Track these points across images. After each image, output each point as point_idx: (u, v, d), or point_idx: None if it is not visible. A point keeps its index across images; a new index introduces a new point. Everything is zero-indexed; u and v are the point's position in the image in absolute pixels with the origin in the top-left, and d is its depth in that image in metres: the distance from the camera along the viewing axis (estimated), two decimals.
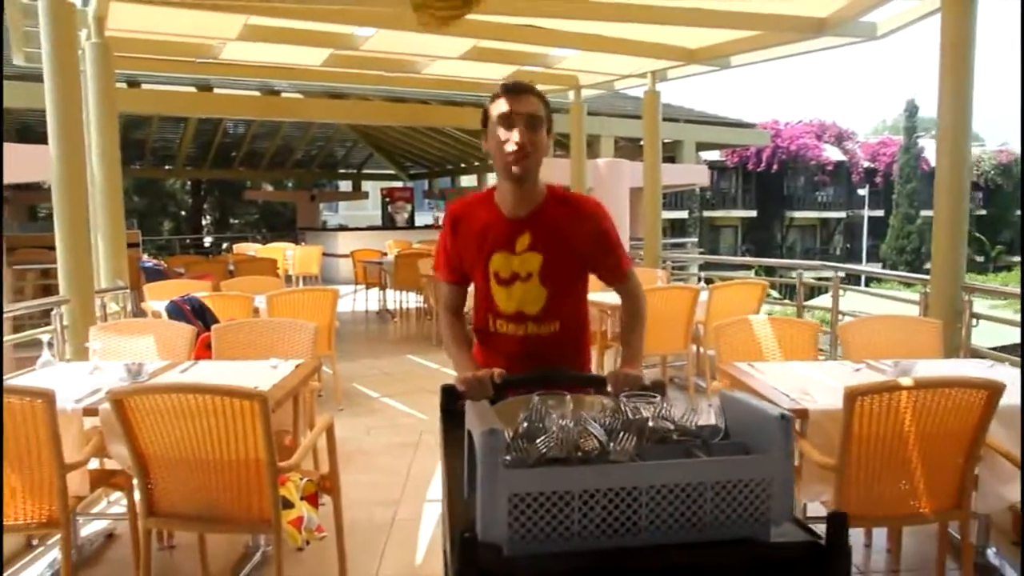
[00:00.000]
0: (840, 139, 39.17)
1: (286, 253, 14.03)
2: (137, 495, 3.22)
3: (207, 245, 23.91)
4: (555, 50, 7.33)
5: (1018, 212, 40.31)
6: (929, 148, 34.36)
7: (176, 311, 4.84)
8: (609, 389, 1.99)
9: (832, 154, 38.17)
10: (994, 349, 7.72)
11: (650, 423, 1.46)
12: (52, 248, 9.36)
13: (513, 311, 2.20)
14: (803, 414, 2.89)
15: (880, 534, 3.57)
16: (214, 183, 25.50)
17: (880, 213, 37.76)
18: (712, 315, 6.01)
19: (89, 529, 3.75)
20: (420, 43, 7.22)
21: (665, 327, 5.91)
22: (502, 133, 2.07)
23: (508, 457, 1.29)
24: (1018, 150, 41.20)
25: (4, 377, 3.42)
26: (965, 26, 4.72)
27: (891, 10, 6.08)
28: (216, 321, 4.90)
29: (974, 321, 4.62)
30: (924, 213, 33.21)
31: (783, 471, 1.29)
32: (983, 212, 38.94)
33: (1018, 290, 4.96)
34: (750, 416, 1.42)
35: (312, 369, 3.63)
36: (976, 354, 4.62)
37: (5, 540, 3.47)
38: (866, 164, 38.52)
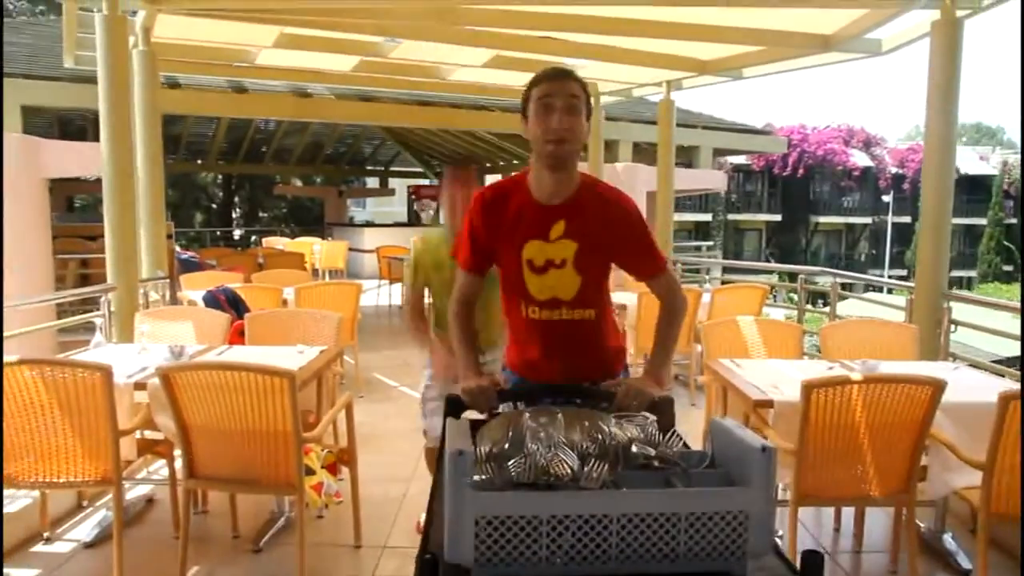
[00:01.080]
0: (868, 144, 39.06)
1: (313, 248, 14.51)
2: (179, 462, 3.66)
3: (236, 238, 24.54)
4: (573, 60, 7.66)
5: None
6: (958, 154, 34.20)
7: (212, 300, 5.27)
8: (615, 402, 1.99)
9: (859, 159, 38.08)
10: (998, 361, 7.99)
11: (633, 448, 1.44)
12: (90, 238, 9.96)
13: (547, 298, 2.16)
14: (768, 404, 3.23)
15: (848, 519, 3.89)
16: (245, 177, 26.12)
17: (907, 219, 37.62)
18: (713, 316, 6.33)
19: (132, 494, 4.16)
20: (445, 52, 7.61)
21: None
22: (541, 118, 2.04)
23: (479, 478, 1.30)
24: None
25: (61, 355, 3.86)
26: (952, 43, 5.00)
27: (894, 28, 6.35)
28: (248, 310, 5.32)
29: (953, 328, 4.90)
30: (952, 220, 33.08)
31: (761, 504, 1.26)
32: (1013, 221, 38.65)
33: (1000, 301, 5.22)
34: (734, 445, 1.40)
35: (335, 355, 4.02)
36: (955, 359, 4.91)
37: (61, 498, 3.91)
38: (894, 170, 38.38)
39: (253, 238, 22.83)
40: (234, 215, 28.05)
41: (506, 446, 1.41)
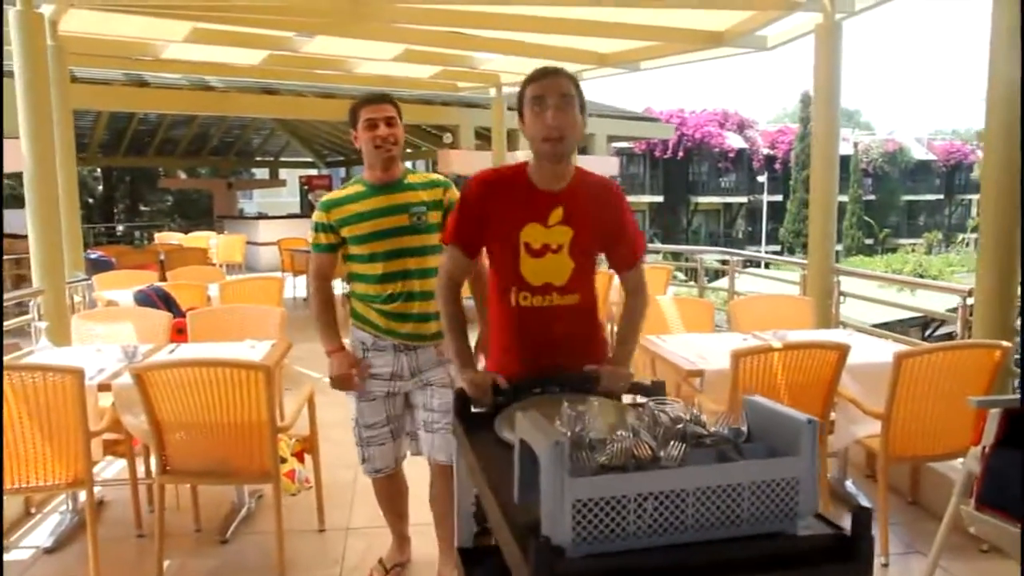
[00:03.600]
0: (742, 127, 40.91)
1: (210, 242, 14.20)
2: (141, 460, 3.74)
3: (119, 233, 23.50)
4: (480, 54, 7.92)
5: (904, 197, 43.14)
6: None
7: (145, 299, 5.25)
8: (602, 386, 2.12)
9: (734, 142, 39.85)
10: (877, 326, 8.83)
11: (686, 428, 1.54)
12: (12, 237, 9.47)
13: (541, 283, 2.21)
14: (700, 374, 3.62)
15: None
16: (126, 170, 25.02)
17: (779, 198, 39.75)
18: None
19: (83, 497, 4.17)
20: (355, 47, 7.71)
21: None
22: (535, 116, 2.10)
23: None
24: (903, 140, 44.01)
25: (8, 357, 3.83)
26: (834, 44, 5.56)
27: (779, 27, 6.92)
28: (179, 308, 5.33)
29: (842, 299, 5.48)
30: (837, 195, 35.17)
31: (810, 470, 1.40)
32: (872, 197, 41.48)
33: (879, 272, 5.83)
34: (775, 420, 1.51)
35: (286, 348, 4.16)
36: (845, 326, 5.49)
37: (10, 505, 3.89)
38: (766, 151, 40.42)
39: (137, 234, 21.95)
40: (115, 210, 26.80)
41: (569, 434, 1.50)
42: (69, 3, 5.22)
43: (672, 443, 1.43)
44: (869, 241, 39.50)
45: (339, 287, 3.68)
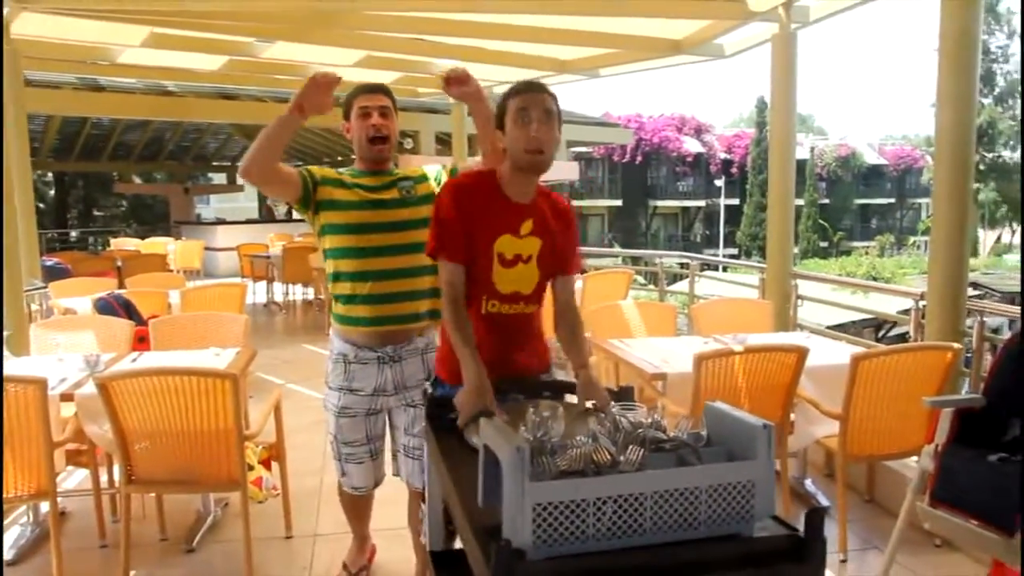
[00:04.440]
0: (699, 132, 41.41)
1: (167, 247, 14.01)
2: (105, 469, 3.70)
3: (73, 239, 23.03)
4: (441, 60, 7.95)
5: (856, 201, 44.09)
6: None
7: (107, 307, 5.17)
8: (578, 397, 2.20)
9: (692, 146, 40.35)
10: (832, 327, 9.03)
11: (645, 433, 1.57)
12: None
13: (510, 292, 2.27)
14: (663, 377, 3.69)
15: None
16: (78, 175, 24.53)
17: (736, 201, 40.34)
18: (586, 301, 6.82)
19: (45, 508, 4.10)
20: (317, 52, 7.68)
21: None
22: (519, 128, 2.15)
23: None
24: (856, 145, 44.97)
25: None
26: (789, 53, 5.70)
27: (736, 36, 7.07)
28: (140, 316, 5.27)
29: (800, 302, 5.61)
30: (794, 200, 35.82)
31: (766, 474, 1.44)
32: (826, 201, 42.32)
33: (836, 276, 5.97)
34: (734, 425, 1.56)
35: (251, 355, 4.13)
36: (803, 328, 5.63)
37: None
38: (723, 155, 40.99)
39: (91, 239, 21.52)
40: (68, 215, 26.24)
41: (531, 439, 1.55)
42: (22, 6, 5.13)
43: (631, 448, 1.48)
44: (824, 244, 40.28)
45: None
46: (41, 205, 26.28)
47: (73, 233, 23.90)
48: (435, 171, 2.93)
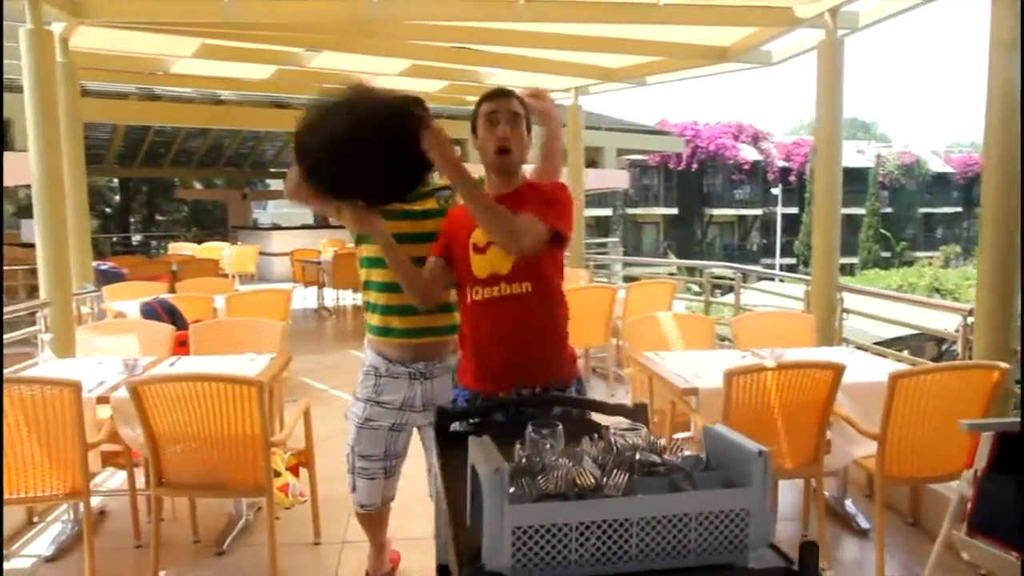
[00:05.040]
0: (756, 139, 40.85)
1: (223, 252, 14.32)
2: (139, 471, 3.77)
3: (135, 243, 23.76)
4: (486, 69, 7.98)
5: (921, 210, 42.88)
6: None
7: (150, 311, 5.30)
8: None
9: (748, 154, 39.81)
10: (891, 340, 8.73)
11: (638, 456, 1.53)
12: (19, 246, 9.57)
13: (487, 275, 2.37)
14: (694, 392, 3.62)
15: None
16: (142, 181, 25.31)
17: (795, 210, 39.60)
18: (629, 311, 6.74)
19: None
20: (363, 62, 7.78)
21: (587, 322, 6.63)
22: (487, 131, 2.34)
23: (511, 490, 1.38)
24: (920, 152, 43.79)
25: (9, 370, 3.89)
26: (836, 60, 5.56)
27: (784, 43, 6.93)
28: (184, 321, 5.39)
29: (846, 315, 5.46)
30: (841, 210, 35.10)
31: (760, 502, 1.38)
32: (888, 210, 41.28)
33: (879, 289, 5.80)
34: (732, 449, 1.50)
35: (285, 361, 4.19)
36: (847, 344, 5.47)
37: (12, 514, 3.94)
38: (781, 163, 40.32)
39: (154, 243, 22.17)
40: (132, 220, 27.10)
41: (523, 460, 1.55)
42: (79, 21, 5.31)
43: (616, 472, 1.43)
44: (886, 254, 39.28)
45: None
46: (107, 210, 27.25)
47: (136, 237, 24.68)
48: None
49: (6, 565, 3.66)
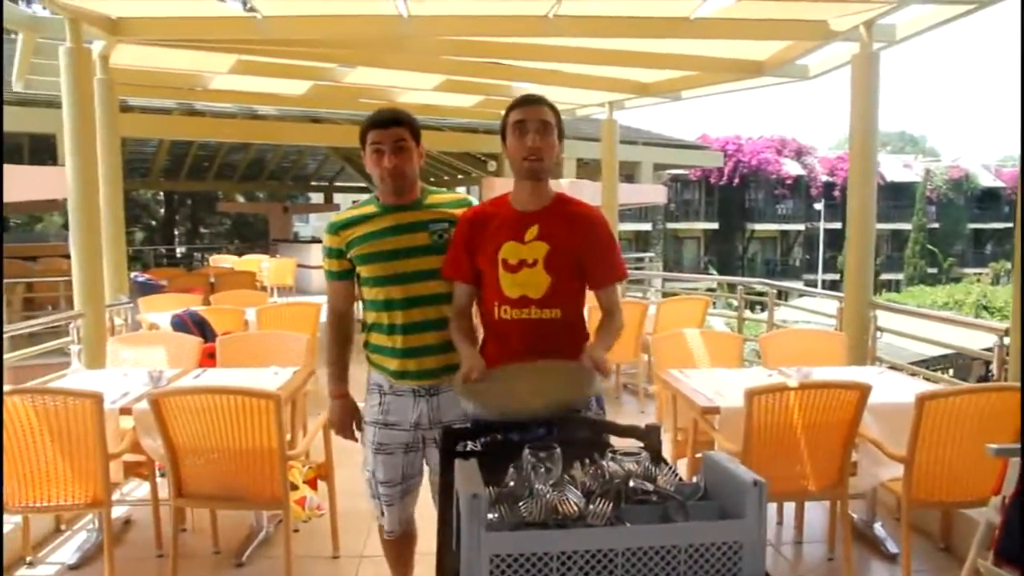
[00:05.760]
0: (799, 154, 40.33)
1: (261, 265, 14.51)
2: (160, 482, 3.81)
3: (179, 255, 24.24)
4: (519, 83, 7.99)
5: (970, 225, 41.88)
6: (883, 162, 35.89)
7: (180, 324, 5.40)
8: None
9: (791, 168, 39.32)
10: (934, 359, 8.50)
11: (630, 483, 1.48)
12: (30, 259, 9.78)
13: (517, 296, 2.33)
14: (715, 410, 3.55)
15: (789, 513, 4.23)
16: (186, 194, 25.85)
17: (838, 225, 38.94)
18: (660, 327, 6.67)
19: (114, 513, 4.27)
20: (397, 76, 7.85)
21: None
22: (517, 139, 2.31)
23: (492, 516, 1.35)
24: (969, 166, 42.82)
25: (40, 381, 3.98)
26: (871, 73, 5.45)
27: (820, 56, 6.82)
28: (214, 333, 5.46)
29: (879, 333, 5.33)
30: (879, 226, 34.45)
31: (755, 534, 1.34)
32: (935, 225, 40.41)
33: (921, 310, 5.65)
34: (727, 478, 1.46)
35: (308, 375, 4.22)
36: (883, 363, 5.33)
37: (39, 522, 4.01)
38: (825, 178, 39.73)
39: (197, 255, 22.60)
40: (176, 232, 27.69)
41: (511, 484, 1.50)
42: (118, 39, 5.45)
43: (600, 500, 1.39)
44: (933, 270, 38.42)
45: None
46: (153, 222, 27.86)
47: (180, 249, 25.20)
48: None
49: (32, 572, 3.72)
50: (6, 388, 3.19)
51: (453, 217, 2.57)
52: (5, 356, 4.95)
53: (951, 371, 12.96)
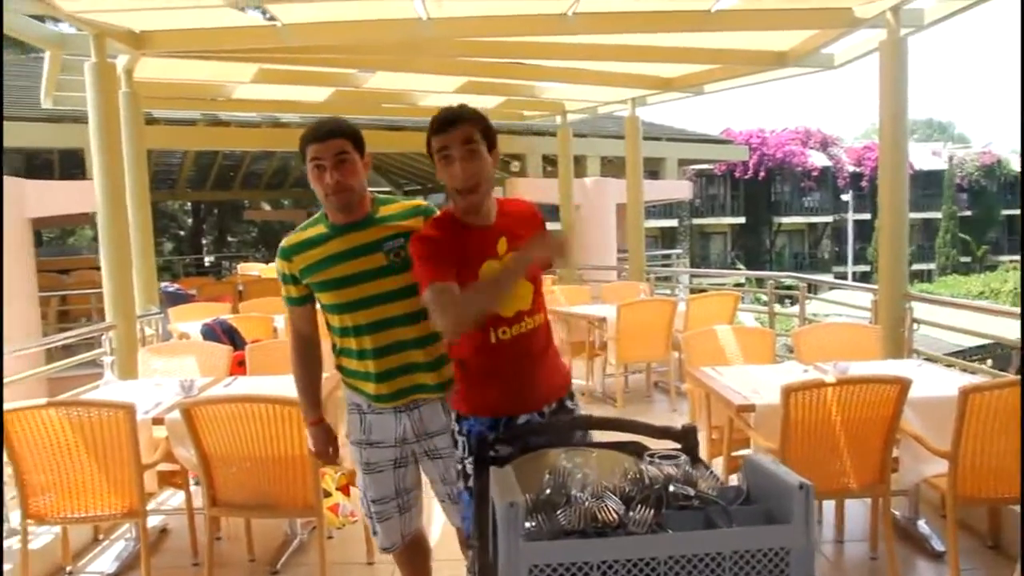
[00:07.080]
0: (825, 145, 39.84)
1: None
2: (194, 489, 3.82)
3: (207, 264, 24.50)
4: (541, 83, 7.96)
5: (1004, 212, 41.13)
6: (911, 150, 35.30)
7: (210, 333, 5.43)
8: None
9: (817, 160, 38.85)
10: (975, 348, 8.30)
11: (670, 488, 1.44)
12: (63, 272, 9.92)
13: (513, 312, 2.23)
14: (751, 408, 3.49)
15: (829, 511, 4.15)
16: (213, 204, 26.12)
17: (866, 216, 38.46)
18: (690, 324, 6.59)
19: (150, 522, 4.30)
20: (417, 80, 7.85)
21: (648, 336, 6.52)
22: (443, 169, 2.15)
23: (530, 525, 1.31)
24: (1001, 152, 42.06)
25: (66, 394, 4.01)
26: (899, 60, 5.35)
27: (846, 44, 6.71)
28: (243, 341, 5.48)
29: (916, 325, 5.22)
30: (909, 215, 33.96)
31: (802, 540, 1.29)
32: (968, 213, 39.75)
33: (958, 300, 5.53)
34: (770, 481, 1.41)
35: (338, 381, 4.19)
36: (920, 356, 5.22)
37: (77, 532, 4.04)
38: (852, 169, 39.23)
39: (225, 264, 22.82)
40: (204, 242, 28.00)
41: (548, 491, 1.43)
42: (141, 53, 5.49)
43: (641, 507, 1.34)
44: (966, 259, 37.78)
45: None
46: (181, 232, 28.18)
47: (208, 259, 25.48)
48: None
49: None
50: (42, 401, 3.22)
51: (408, 230, 2.39)
52: (42, 369, 5.02)
53: (990, 361, 12.72)
